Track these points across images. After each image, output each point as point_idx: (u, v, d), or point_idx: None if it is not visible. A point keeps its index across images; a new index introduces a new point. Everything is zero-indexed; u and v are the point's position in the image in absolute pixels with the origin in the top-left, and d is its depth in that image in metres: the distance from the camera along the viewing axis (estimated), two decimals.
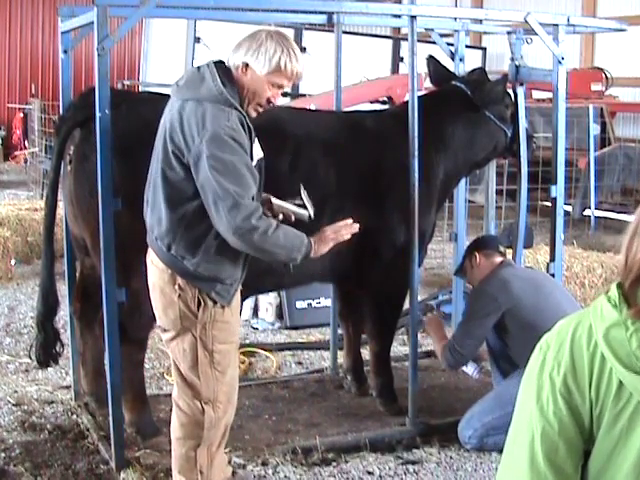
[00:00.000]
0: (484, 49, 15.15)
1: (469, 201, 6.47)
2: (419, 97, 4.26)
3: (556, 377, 1.57)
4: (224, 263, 3.15)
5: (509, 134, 4.73)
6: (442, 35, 5.37)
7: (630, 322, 1.50)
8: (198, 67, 3.16)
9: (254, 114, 3.20)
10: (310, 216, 3.35)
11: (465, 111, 4.63)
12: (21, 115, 17.71)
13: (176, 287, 3.16)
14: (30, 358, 4.46)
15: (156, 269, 3.23)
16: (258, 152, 3.21)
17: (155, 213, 3.19)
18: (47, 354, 4.21)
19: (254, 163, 3.16)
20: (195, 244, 3.12)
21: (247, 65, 3.09)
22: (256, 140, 3.21)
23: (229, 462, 3.78)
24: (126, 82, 14.04)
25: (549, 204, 4.77)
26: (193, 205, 3.08)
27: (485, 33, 13.84)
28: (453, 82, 4.75)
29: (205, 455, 3.35)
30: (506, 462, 1.64)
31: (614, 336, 1.51)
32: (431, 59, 4.85)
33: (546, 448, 1.56)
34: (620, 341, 1.50)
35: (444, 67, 4.89)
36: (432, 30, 5.15)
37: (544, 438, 1.56)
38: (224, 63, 3.17)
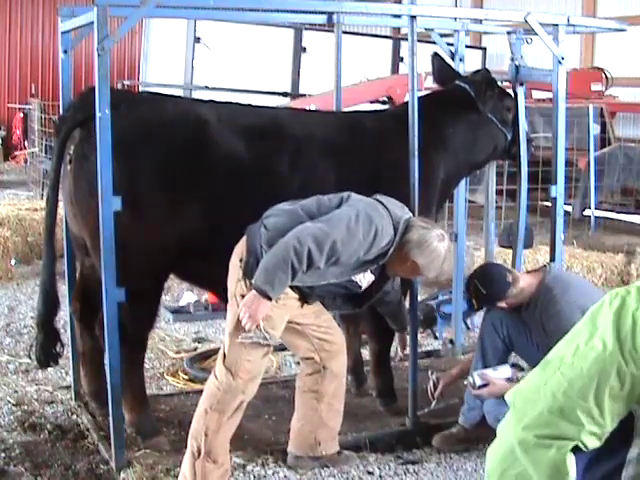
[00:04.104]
0: (484, 49, 15.14)
1: (469, 201, 6.45)
2: (421, 97, 4.25)
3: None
4: None
5: (509, 137, 4.70)
6: (442, 35, 5.36)
7: None
8: None
9: None
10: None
11: (467, 112, 4.61)
12: (21, 115, 17.72)
13: None
14: (30, 358, 4.47)
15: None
16: (369, 277, 3.67)
17: None
18: (47, 354, 4.21)
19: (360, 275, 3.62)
20: None
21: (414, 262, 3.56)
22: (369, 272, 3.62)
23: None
24: (126, 82, 14.06)
25: (549, 204, 4.76)
26: None
27: (485, 33, 13.84)
28: (456, 82, 4.72)
29: (215, 420, 3.48)
30: (562, 374, 1.70)
31: None
32: (436, 57, 4.81)
33: (611, 386, 1.62)
34: None
35: (448, 66, 4.86)
36: (432, 30, 5.14)
37: (618, 373, 1.61)
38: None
